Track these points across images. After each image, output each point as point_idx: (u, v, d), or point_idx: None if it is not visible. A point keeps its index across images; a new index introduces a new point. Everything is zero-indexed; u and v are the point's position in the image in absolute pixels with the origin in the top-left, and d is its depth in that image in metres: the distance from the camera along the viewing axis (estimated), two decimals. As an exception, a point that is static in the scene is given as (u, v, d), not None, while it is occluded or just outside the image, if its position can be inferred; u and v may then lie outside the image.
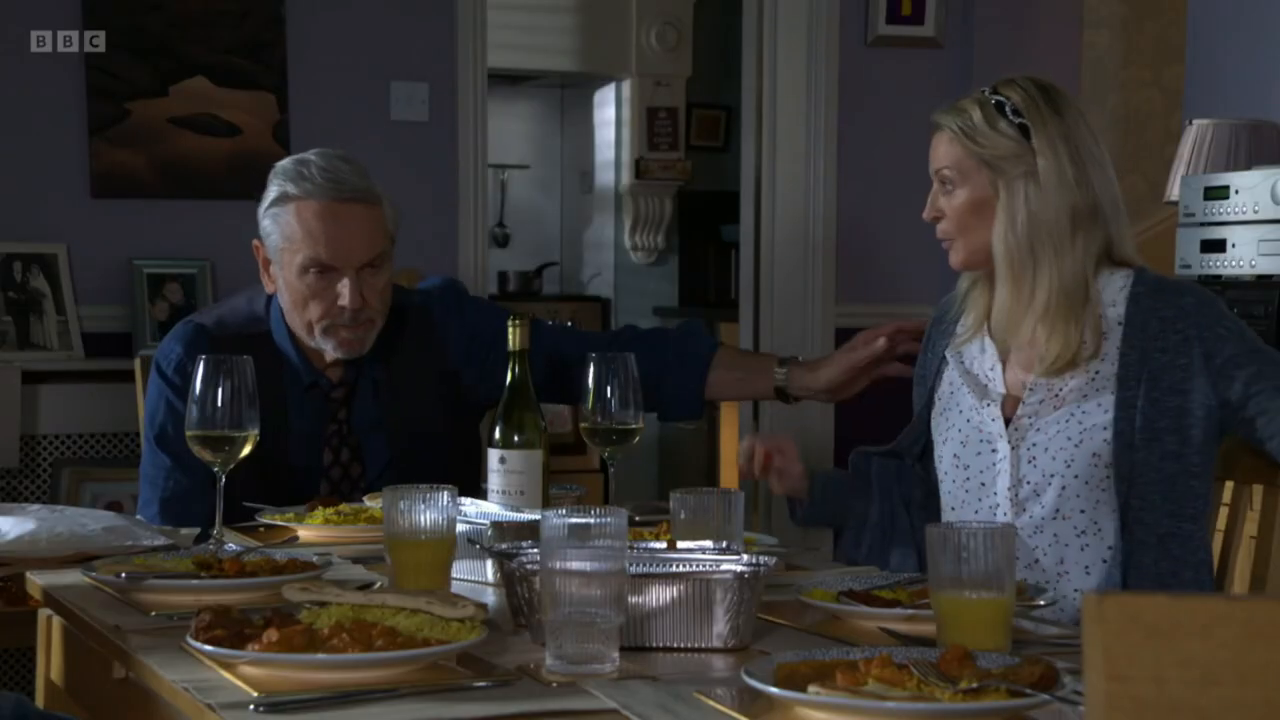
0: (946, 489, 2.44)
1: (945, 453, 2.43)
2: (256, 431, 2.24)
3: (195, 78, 4.53)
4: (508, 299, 7.18)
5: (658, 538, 2.14)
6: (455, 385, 2.84)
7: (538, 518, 1.77)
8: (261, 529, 2.52)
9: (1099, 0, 6.01)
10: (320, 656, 1.62)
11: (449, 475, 2.11)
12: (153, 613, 1.94)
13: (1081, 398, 2.31)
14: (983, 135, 2.34)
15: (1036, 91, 2.36)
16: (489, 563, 2.13)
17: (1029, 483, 2.34)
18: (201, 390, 2.23)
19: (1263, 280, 3.83)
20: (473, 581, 2.15)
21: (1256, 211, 3.85)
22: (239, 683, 1.61)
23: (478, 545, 2.08)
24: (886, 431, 2.59)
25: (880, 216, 5.06)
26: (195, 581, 2.01)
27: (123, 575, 2.01)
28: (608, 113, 7.50)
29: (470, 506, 2.20)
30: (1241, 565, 2.49)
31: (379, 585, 2.04)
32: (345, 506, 2.54)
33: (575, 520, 1.67)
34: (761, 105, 5.16)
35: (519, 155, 7.76)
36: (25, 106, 4.40)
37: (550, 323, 3.08)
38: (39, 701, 2.35)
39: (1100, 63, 6.05)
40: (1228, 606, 1.02)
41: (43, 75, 4.41)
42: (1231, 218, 3.91)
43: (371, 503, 2.57)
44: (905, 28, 5.12)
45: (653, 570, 1.82)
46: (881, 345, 2.72)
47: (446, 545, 2.05)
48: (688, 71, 7.39)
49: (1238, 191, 3.90)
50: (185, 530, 2.41)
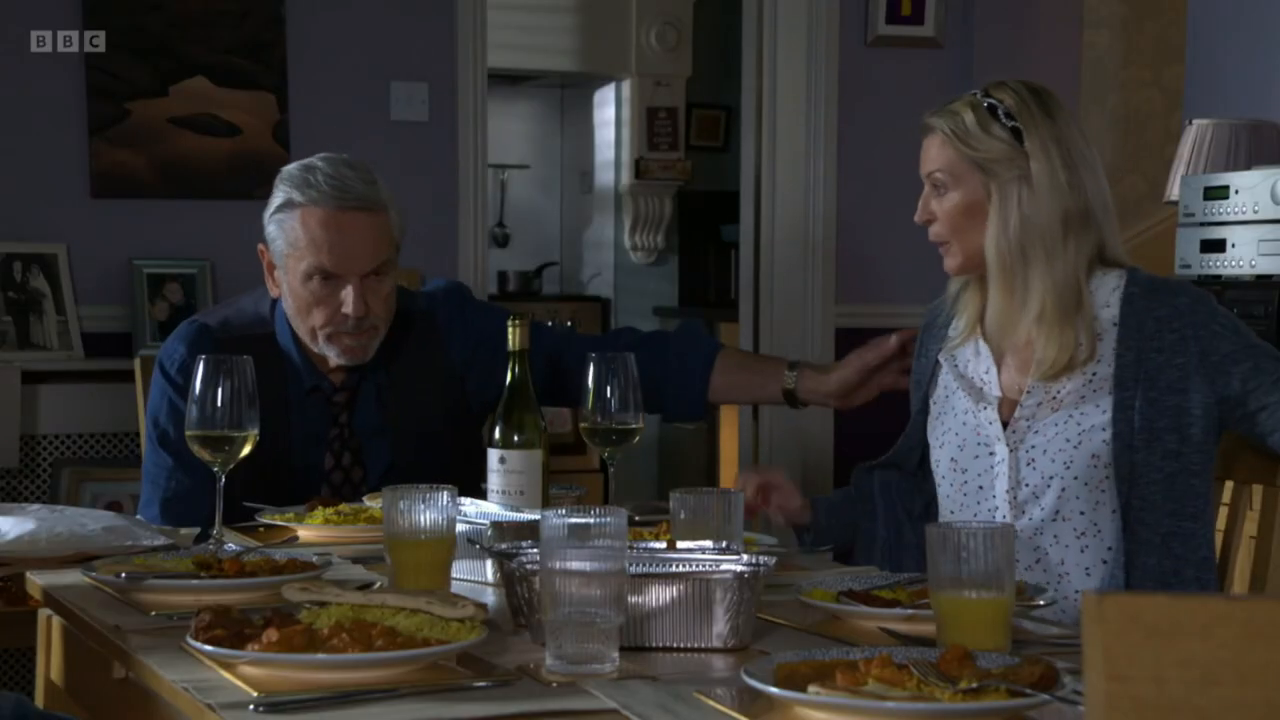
0: (944, 493, 2.43)
1: (942, 457, 2.43)
2: (256, 431, 2.24)
3: (195, 78, 4.53)
4: (508, 299, 7.18)
5: (658, 538, 2.14)
6: (459, 389, 2.83)
7: (538, 518, 1.77)
8: (261, 529, 2.52)
9: (1099, 0, 6.01)
10: (320, 656, 1.62)
11: (451, 479, 2.10)
12: (153, 613, 1.94)
13: (1079, 399, 2.31)
14: (975, 138, 2.33)
15: (1028, 94, 2.35)
16: (489, 563, 2.13)
17: (1028, 485, 2.33)
18: (201, 390, 2.22)
19: (1262, 280, 3.83)
20: (473, 581, 2.15)
21: (1256, 211, 3.85)
22: (239, 683, 1.61)
23: (478, 545, 2.08)
24: (887, 440, 2.58)
25: (880, 216, 5.06)
26: (195, 581, 2.01)
27: (123, 575, 2.01)
28: (608, 113, 7.49)
29: (470, 506, 2.20)
30: (1241, 565, 2.49)
31: (379, 585, 2.04)
32: (345, 506, 2.54)
33: (575, 520, 1.67)
34: (761, 105, 5.16)
35: (519, 155, 7.76)
36: (25, 106, 4.40)
37: (550, 323, 3.07)
38: (39, 701, 2.35)
39: (1100, 63, 6.05)
40: (1228, 606, 1.02)
41: (43, 75, 4.41)
42: (1231, 218, 3.91)
43: (371, 503, 2.57)
44: (905, 28, 5.12)
45: (653, 570, 1.82)
46: (894, 343, 2.71)
47: (446, 545, 2.05)
48: (688, 71, 7.38)
49: (1238, 191, 3.90)
50: (185, 530, 2.41)
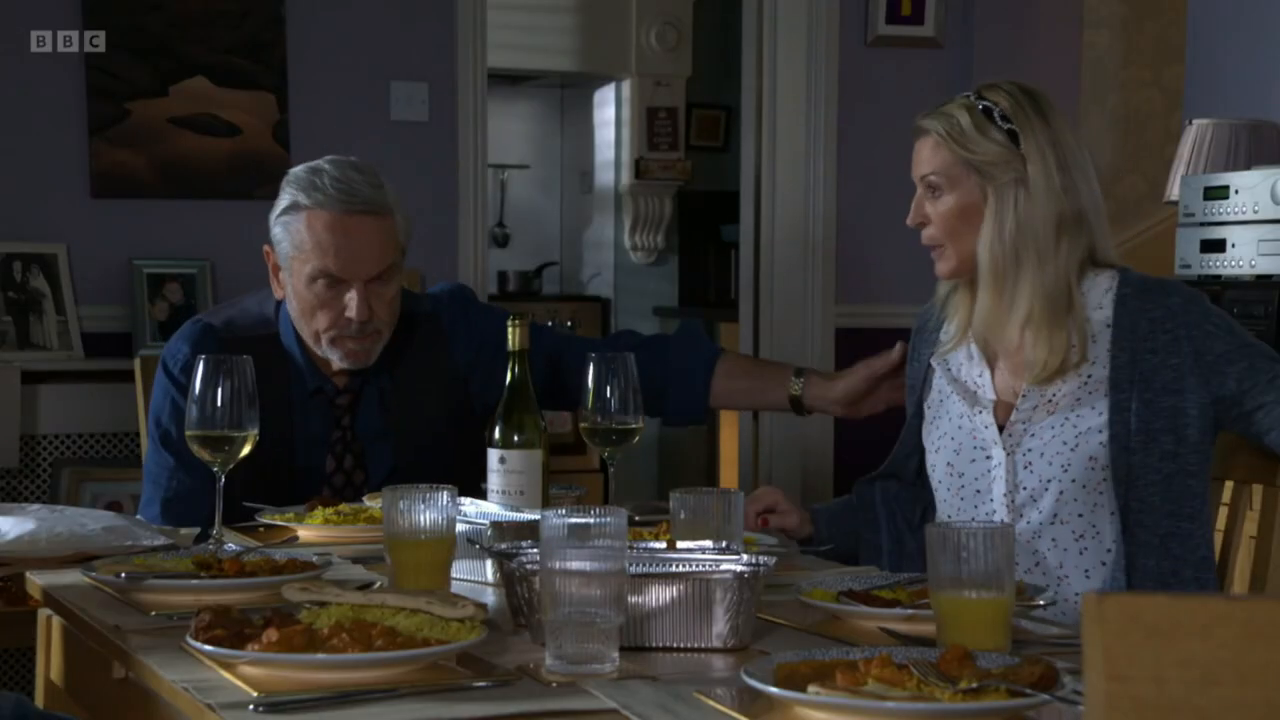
0: (941, 497, 2.42)
1: (939, 461, 2.42)
2: (256, 432, 2.24)
3: (195, 78, 4.53)
4: (508, 299, 7.18)
5: (658, 538, 2.14)
6: (462, 392, 2.83)
7: (538, 518, 1.77)
8: (261, 529, 2.51)
9: (1099, 0, 6.01)
10: (320, 656, 1.62)
11: (453, 483, 2.10)
12: (153, 613, 1.94)
13: (1075, 402, 2.30)
14: (972, 140, 2.32)
15: (1022, 96, 2.33)
16: (489, 563, 2.13)
17: (1025, 488, 2.33)
18: (201, 390, 2.22)
19: (1262, 280, 3.83)
20: (473, 581, 2.15)
21: (1256, 211, 3.85)
22: (239, 683, 1.61)
23: (478, 545, 2.08)
24: (887, 444, 2.56)
25: (880, 216, 5.06)
26: (195, 581, 2.01)
27: (123, 575, 2.01)
28: (608, 113, 7.49)
29: (470, 506, 2.20)
30: (1241, 565, 2.49)
31: (379, 585, 2.04)
32: (345, 506, 2.53)
33: (575, 520, 1.67)
34: (761, 105, 5.16)
35: (519, 155, 7.76)
36: (25, 106, 4.40)
37: (549, 324, 3.07)
38: (39, 701, 2.35)
39: (1100, 63, 6.05)
40: (1228, 606, 1.02)
41: (43, 75, 4.41)
42: (1231, 218, 3.91)
43: (371, 503, 2.57)
44: (905, 28, 5.12)
45: (653, 570, 1.82)
46: (897, 353, 2.69)
47: (446, 545, 2.05)
48: (688, 71, 7.38)
49: (1237, 191, 3.90)
50: (185, 530, 2.41)
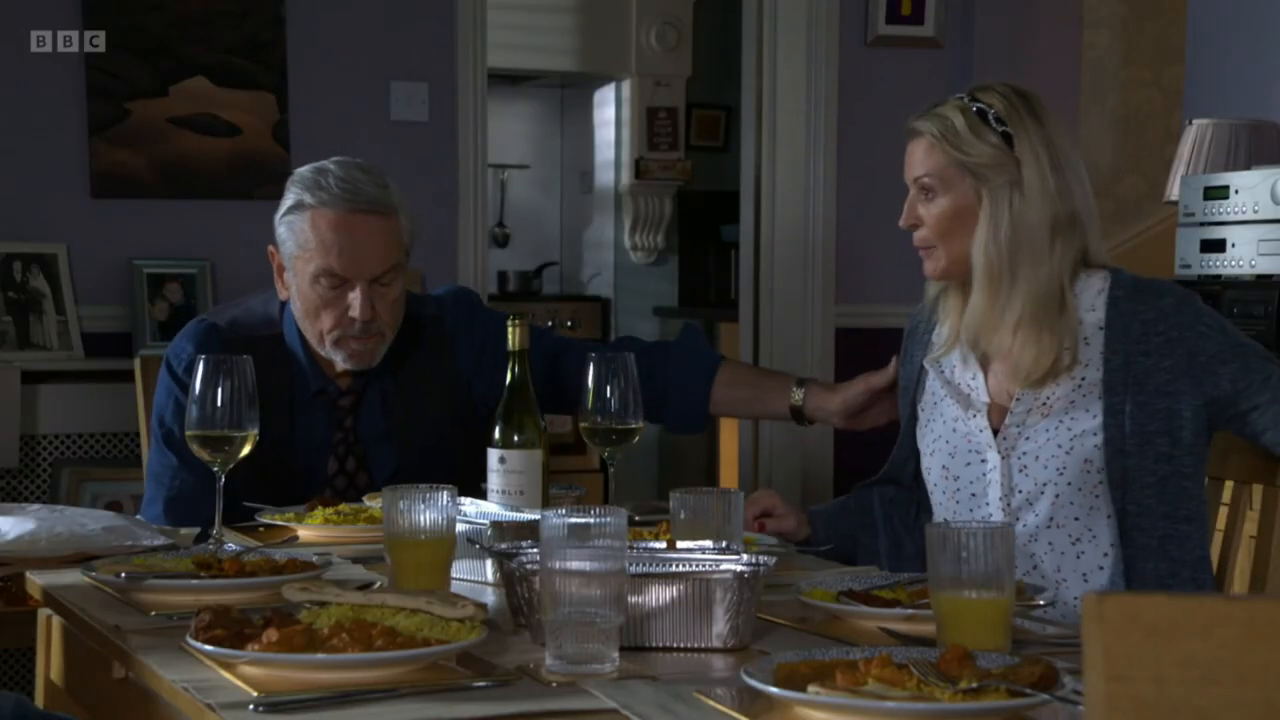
0: (937, 501, 2.42)
1: (934, 465, 2.42)
2: (256, 432, 2.24)
3: (195, 78, 4.53)
4: (508, 299, 7.18)
5: (658, 538, 2.14)
6: (465, 395, 2.82)
7: (538, 518, 1.77)
8: (261, 529, 2.51)
9: (1099, 0, 6.01)
10: (320, 656, 1.62)
11: (456, 485, 2.10)
12: (153, 613, 1.94)
13: (1069, 404, 2.30)
14: (966, 142, 2.30)
15: (1016, 98, 2.32)
16: (489, 563, 2.13)
17: (1021, 491, 2.32)
18: (201, 390, 2.22)
19: (1262, 280, 3.83)
20: (473, 581, 2.15)
21: (1256, 211, 3.85)
22: (239, 683, 1.61)
23: (478, 545, 2.08)
24: (887, 447, 2.56)
25: (880, 216, 5.05)
26: (195, 581, 2.01)
27: (123, 575, 2.01)
28: (608, 113, 7.49)
29: (470, 506, 2.20)
30: (1241, 565, 2.49)
31: (379, 585, 2.04)
32: (345, 506, 2.53)
33: (575, 520, 1.67)
34: (761, 105, 5.16)
35: (519, 155, 7.76)
36: (25, 106, 4.40)
37: (549, 324, 3.06)
38: (39, 701, 2.35)
39: (1100, 63, 6.05)
40: (1228, 606, 1.02)
41: (43, 75, 4.41)
42: (1231, 218, 3.92)
43: (371, 503, 2.57)
44: (905, 28, 5.12)
45: (653, 570, 1.82)
46: (894, 367, 2.68)
47: (446, 545, 2.05)
48: (688, 71, 7.38)
49: (1238, 191, 3.90)
50: (185, 530, 2.41)
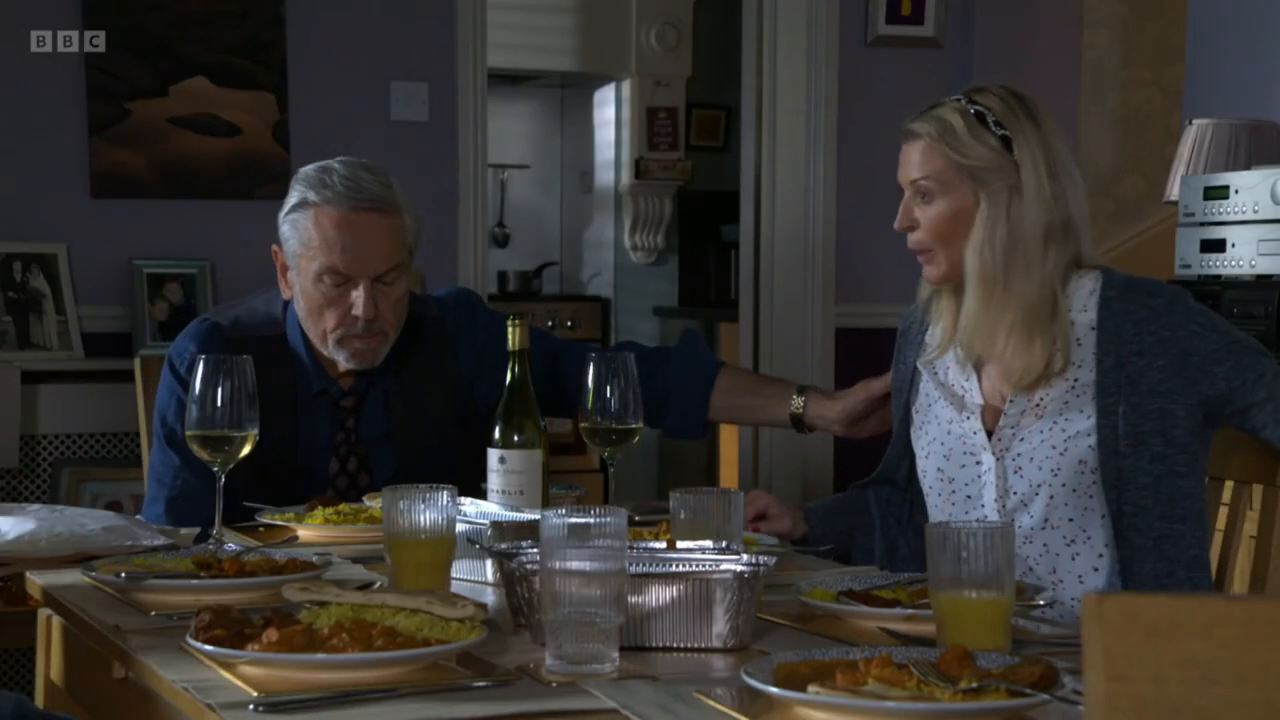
0: (933, 503, 2.41)
1: (929, 467, 2.41)
2: (256, 432, 2.24)
3: (195, 78, 4.53)
4: (508, 299, 7.18)
5: (658, 538, 2.14)
6: (467, 396, 2.82)
7: (538, 518, 1.77)
8: (261, 529, 2.51)
9: (1099, 0, 6.00)
10: (320, 656, 1.62)
11: (458, 486, 2.10)
12: (153, 613, 1.94)
13: (1063, 405, 2.29)
14: (966, 145, 2.29)
15: (1014, 100, 2.31)
16: (489, 563, 2.13)
17: (1016, 493, 2.32)
18: (201, 390, 2.22)
19: (1262, 280, 3.83)
20: (473, 581, 2.15)
21: (1256, 211, 3.85)
22: (239, 683, 1.61)
23: (478, 545, 2.08)
24: (886, 447, 2.57)
25: (880, 216, 5.02)
26: (195, 581, 2.01)
27: (123, 575, 2.01)
28: (608, 113, 7.49)
29: (470, 506, 2.20)
30: (1241, 565, 2.49)
31: (379, 585, 2.04)
32: (345, 506, 2.53)
33: (575, 520, 1.67)
34: (761, 105, 5.16)
35: (519, 155, 7.76)
36: (25, 106, 4.40)
37: (549, 325, 3.06)
38: (39, 701, 2.35)
39: (1100, 63, 6.05)
40: (1228, 606, 1.02)
41: (43, 75, 4.41)
42: (1231, 218, 3.92)
43: (371, 502, 2.57)
44: (905, 28, 5.12)
45: (653, 570, 1.82)
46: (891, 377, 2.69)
47: (446, 545, 2.05)
48: (688, 71, 7.38)
49: (1238, 191, 3.90)
50: (185, 530, 2.41)
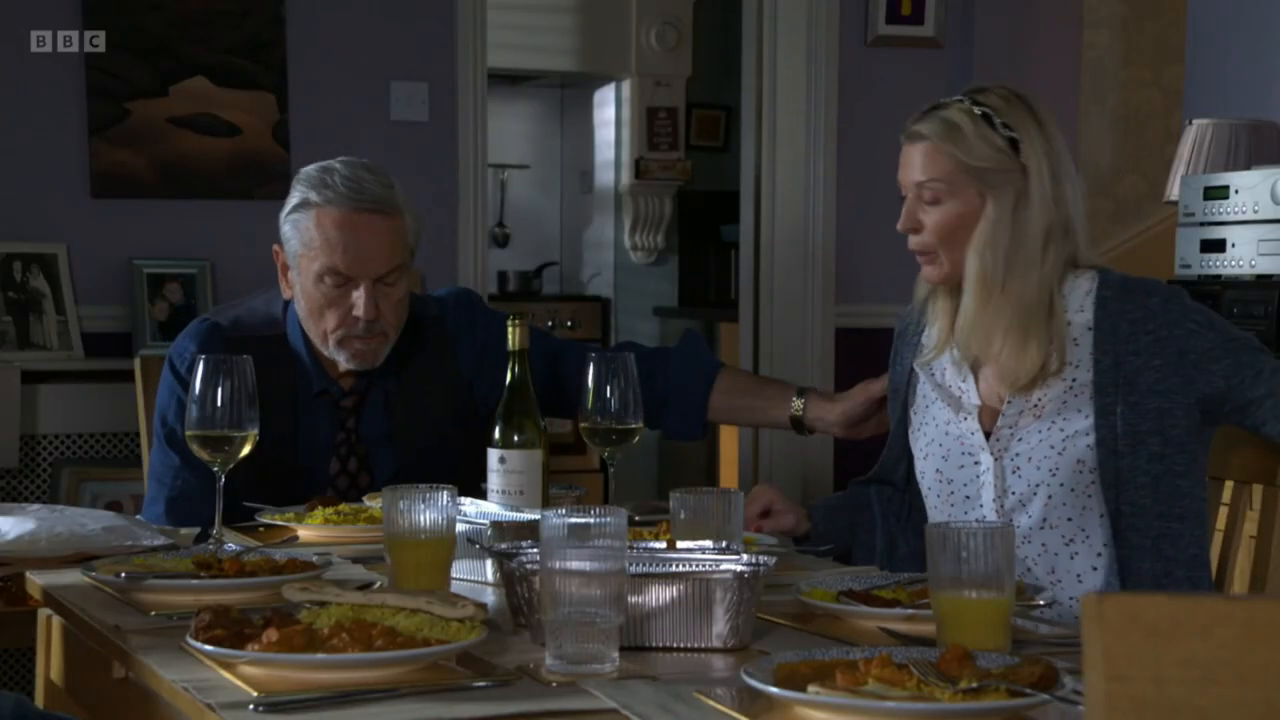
0: (931, 504, 2.41)
1: (927, 468, 2.41)
2: (256, 432, 2.24)
3: (195, 78, 4.53)
4: (508, 299, 7.18)
5: (658, 538, 2.14)
6: (467, 396, 2.82)
7: (538, 518, 1.77)
8: (261, 529, 2.51)
9: (1099, 0, 6.00)
10: (320, 656, 1.62)
11: (458, 487, 2.10)
12: (153, 613, 1.94)
13: (1061, 405, 2.29)
14: (974, 147, 2.28)
15: (1017, 101, 2.30)
16: (489, 563, 2.13)
17: (1014, 493, 2.31)
18: (201, 390, 2.22)
19: (1262, 280, 3.83)
20: (473, 581, 2.15)
21: (1256, 211, 3.85)
22: (239, 683, 1.61)
23: (478, 545, 2.08)
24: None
25: (880, 217, 5.05)
26: (195, 581, 2.01)
27: (123, 575, 2.01)
28: (608, 113, 7.49)
29: (470, 506, 2.20)
30: (1241, 565, 2.49)
31: (379, 585, 2.04)
32: (345, 506, 2.53)
33: (575, 520, 1.67)
34: (761, 105, 5.16)
35: (519, 155, 7.76)
36: (25, 106, 4.40)
37: (549, 325, 3.06)
38: (39, 701, 2.35)
39: (1100, 63, 6.05)
40: (1228, 606, 1.02)
41: (43, 75, 4.41)
42: (1231, 218, 3.91)
43: (371, 503, 2.57)
44: (905, 28, 5.12)
45: (653, 570, 1.82)
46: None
47: (446, 545, 2.05)
48: (688, 71, 7.38)
49: (1238, 191, 3.90)
50: (185, 530, 2.41)
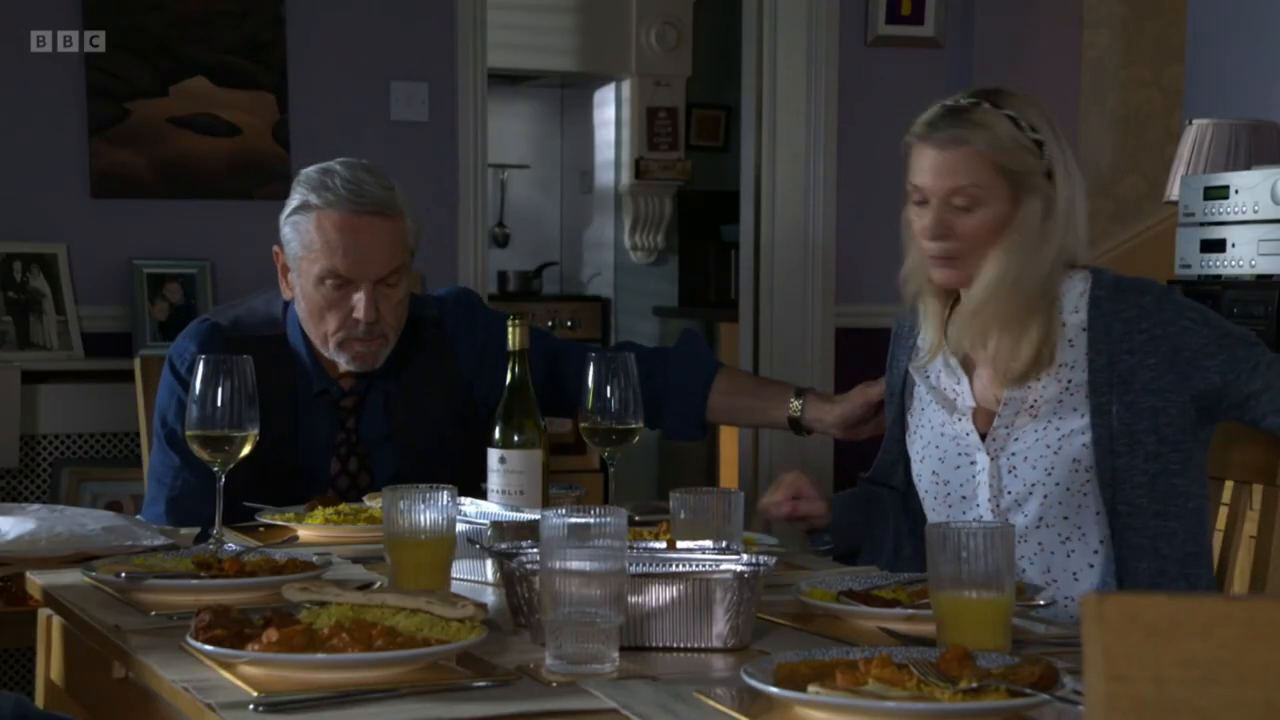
0: (929, 505, 2.41)
1: (924, 470, 2.41)
2: (256, 432, 2.24)
3: (195, 78, 4.53)
4: (508, 299, 7.18)
5: (658, 538, 2.14)
6: (467, 396, 2.82)
7: (538, 518, 1.77)
8: (261, 529, 2.51)
9: (1099, 0, 6.00)
10: (320, 656, 1.62)
11: (458, 487, 2.10)
12: (153, 613, 1.94)
13: (1057, 405, 2.29)
14: (1013, 153, 2.25)
15: (1034, 104, 2.29)
16: (489, 563, 2.13)
17: (1010, 493, 2.31)
18: (201, 390, 2.22)
19: (1262, 280, 3.83)
20: (473, 581, 2.15)
21: (1256, 211, 3.85)
22: (239, 683, 1.61)
23: (478, 545, 2.08)
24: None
25: (880, 217, 5.05)
26: (195, 581, 2.01)
27: (123, 575, 2.01)
28: (608, 113, 7.49)
29: (470, 506, 2.20)
30: (1241, 565, 2.49)
31: (379, 585, 2.04)
32: (345, 506, 2.53)
33: (575, 520, 1.67)
34: (761, 105, 5.16)
35: (519, 155, 7.76)
36: (25, 106, 4.40)
37: (549, 325, 3.06)
38: (39, 701, 2.35)
39: (1100, 63, 6.05)
40: (1228, 606, 1.02)
41: (43, 75, 4.41)
42: (1231, 218, 3.91)
43: (371, 502, 2.57)
44: (905, 28, 5.12)
45: (653, 570, 1.82)
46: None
47: (446, 545, 2.05)
48: (688, 71, 7.38)
49: (1238, 191, 3.90)
50: (185, 530, 2.41)
